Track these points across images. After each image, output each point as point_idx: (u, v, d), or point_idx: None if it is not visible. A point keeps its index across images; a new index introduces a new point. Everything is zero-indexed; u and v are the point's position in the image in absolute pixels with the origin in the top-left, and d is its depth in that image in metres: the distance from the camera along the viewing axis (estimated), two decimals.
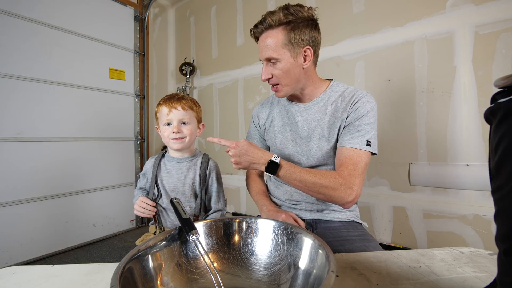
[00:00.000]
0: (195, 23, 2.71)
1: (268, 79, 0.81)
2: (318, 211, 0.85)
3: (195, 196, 0.88)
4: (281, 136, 0.90)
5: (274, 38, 0.75)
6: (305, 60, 0.78)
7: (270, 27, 0.76)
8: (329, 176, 0.71)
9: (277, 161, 0.72)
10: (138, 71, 2.54)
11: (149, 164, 0.93)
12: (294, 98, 0.89)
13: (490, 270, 0.47)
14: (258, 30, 0.78)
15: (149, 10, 2.57)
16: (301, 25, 0.75)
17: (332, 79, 0.89)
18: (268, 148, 0.99)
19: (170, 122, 0.86)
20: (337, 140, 0.81)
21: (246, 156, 0.73)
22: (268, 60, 0.78)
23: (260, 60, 0.81)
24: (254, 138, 1.00)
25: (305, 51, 0.77)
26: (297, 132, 0.86)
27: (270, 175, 0.84)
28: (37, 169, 1.84)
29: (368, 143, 0.75)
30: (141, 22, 2.56)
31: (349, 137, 0.77)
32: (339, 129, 0.80)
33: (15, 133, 1.74)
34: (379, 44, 1.58)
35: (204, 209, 0.91)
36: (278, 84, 0.80)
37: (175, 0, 2.85)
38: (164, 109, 0.86)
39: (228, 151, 0.75)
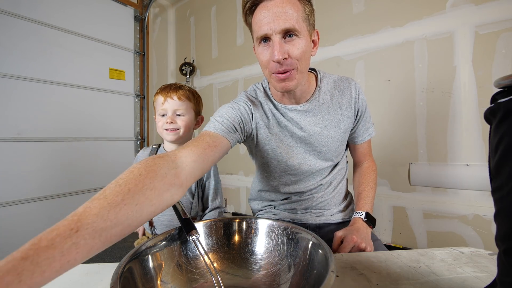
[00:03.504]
0: (195, 23, 2.71)
1: (283, 60, 0.58)
2: (325, 215, 0.82)
3: (192, 195, 0.86)
4: (282, 145, 0.74)
5: (295, 7, 0.57)
6: (314, 45, 0.66)
7: None
8: (373, 173, 0.83)
9: (363, 214, 0.73)
10: (138, 71, 2.54)
11: (141, 158, 0.90)
12: (286, 98, 0.72)
13: (490, 270, 0.47)
14: None
15: (149, 10, 2.57)
16: (311, 2, 0.63)
17: (314, 70, 0.77)
18: (257, 152, 0.80)
19: (165, 113, 0.83)
20: (343, 137, 0.77)
21: (364, 235, 0.67)
22: (285, 33, 0.57)
23: (265, 35, 0.58)
24: (229, 127, 0.65)
25: (316, 34, 0.66)
26: (300, 139, 0.74)
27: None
28: (37, 169, 1.84)
29: (373, 125, 0.84)
30: (141, 22, 2.56)
31: (364, 130, 0.80)
32: (347, 126, 0.75)
33: (15, 133, 1.74)
34: (379, 44, 1.58)
35: (202, 209, 0.89)
36: (293, 70, 0.60)
37: (175, 0, 2.85)
38: (159, 98, 0.83)
39: (361, 247, 0.63)
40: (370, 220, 0.72)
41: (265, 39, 0.60)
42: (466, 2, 1.32)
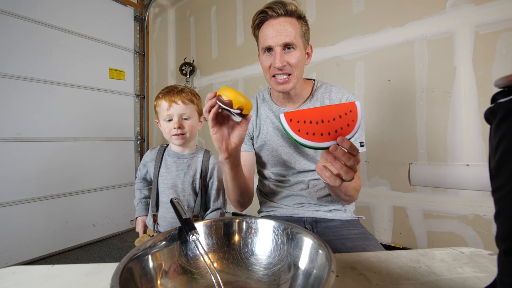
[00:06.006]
0: (195, 23, 2.71)
1: (283, 67, 0.73)
2: (321, 210, 0.85)
3: (195, 194, 0.87)
4: (273, 142, 0.84)
5: (293, 26, 0.72)
6: (308, 57, 0.80)
7: (289, 14, 0.72)
8: (357, 181, 0.72)
9: None
10: (138, 71, 2.54)
11: (148, 157, 0.91)
12: (283, 99, 0.84)
13: (490, 270, 0.47)
14: (275, 14, 0.72)
15: (149, 10, 2.57)
16: (307, 22, 0.77)
17: (314, 79, 0.88)
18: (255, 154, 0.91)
19: (171, 118, 0.83)
20: None
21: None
22: (285, 46, 0.72)
23: (269, 46, 0.73)
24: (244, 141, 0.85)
25: (309, 48, 0.80)
26: (288, 139, 0.83)
27: None
28: (37, 169, 1.84)
29: (362, 144, 0.77)
30: (141, 22, 2.56)
31: None
32: None
33: (15, 133, 1.74)
34: (379, 44, 1.58)
35: (205, 209, 0.90)
36: (290, 75, 0.74)
37: (175, 0, 2.85)
38: (163, 104, 0.82)
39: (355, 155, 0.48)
40: None
41: (269, 49, 0.74)
42: (466, 2, 1.32)
